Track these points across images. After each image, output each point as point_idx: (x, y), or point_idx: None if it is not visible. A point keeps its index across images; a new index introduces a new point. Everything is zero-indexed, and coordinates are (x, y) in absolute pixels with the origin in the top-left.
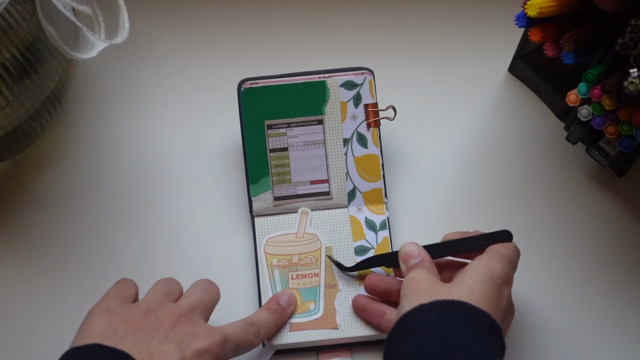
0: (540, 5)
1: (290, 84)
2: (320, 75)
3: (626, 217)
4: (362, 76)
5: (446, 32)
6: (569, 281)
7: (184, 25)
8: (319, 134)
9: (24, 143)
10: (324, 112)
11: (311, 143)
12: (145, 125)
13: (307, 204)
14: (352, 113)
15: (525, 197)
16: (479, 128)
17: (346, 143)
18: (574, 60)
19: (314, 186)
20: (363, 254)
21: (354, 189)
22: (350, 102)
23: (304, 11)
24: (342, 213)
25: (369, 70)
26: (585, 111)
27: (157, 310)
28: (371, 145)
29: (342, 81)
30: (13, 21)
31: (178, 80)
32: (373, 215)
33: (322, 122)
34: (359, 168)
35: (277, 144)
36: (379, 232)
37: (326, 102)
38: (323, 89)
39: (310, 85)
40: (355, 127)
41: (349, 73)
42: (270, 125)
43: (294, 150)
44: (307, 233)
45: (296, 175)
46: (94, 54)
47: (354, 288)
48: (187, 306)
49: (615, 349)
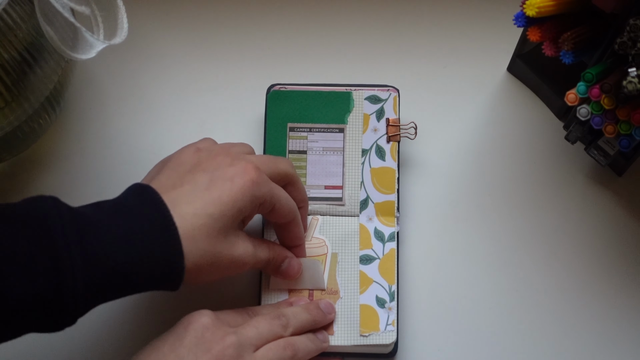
0: (539, 5)
1: (317, 92)
2: (347, 88)
3: (625, 216)
4: (387, 92)
5: (445, 32)
6: (568, 280)
7: (182, 25)
8: (339, 141)
9: (22, 144)
10: (346, 121)
11: (330, 149)
12: (145, 126)
13: (318, 207)
14: (374, 126)
15: (524, 197)
16: (478, 128)
17: (364, 153)
18: (573, 59)
19: (328, 191)
20: (367, 263)
21: (367, 199)
22: (373, 115)
23: (304, 12)
24: (352, 221)
25: (394, 88)
26: (584, 110)
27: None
28: (389, 159)
29: (367, 95)
30: (12, 22)
31: (177, 80)
32: (383, 227)
33: (343, 131)
34: (374, 179)
35: (297, 146)
36: (387, 244)
37: (349, 112)
38: (348, 100)
39: (336, 94)
40: (375, 140)
41: (375, 89)
42: (292, 127)
43: (312, 154)
44: (315, 237)
45: (312, 178)
46: (92, 55)
47: (355, 295)
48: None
49: (615, 349)
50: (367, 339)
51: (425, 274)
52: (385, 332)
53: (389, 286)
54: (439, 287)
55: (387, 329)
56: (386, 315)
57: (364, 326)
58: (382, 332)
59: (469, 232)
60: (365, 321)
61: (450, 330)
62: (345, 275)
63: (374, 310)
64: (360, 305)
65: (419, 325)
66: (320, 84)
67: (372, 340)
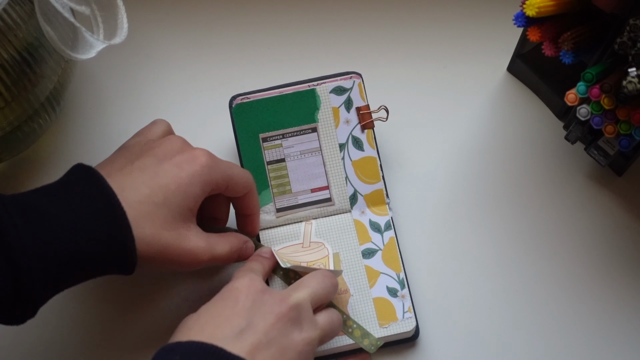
0: (539, 5)
1: (281, 95)
2: (310, 84)
3: (625, 216)
4: (350, 80)
5: (445, 32)
6: (568, 280)
7: (182, 26)
8: (315, 141)
9: (22, 144)
10: (317, 119)
11: (307, 151)
12: (144, 126)
13: (309, 213)
14: (345, 117)
15: (524, 196)
16: (478, 127)
17: (342, 148)
18: (573, 59)
19: (315, 194)
20: (370, 257)
21: (355, 193)
22: (342, 107)
23: (305, 12)
24: (346, 218)
25: (357, 73)
26: (584, 110)
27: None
28: (367, 148)
29: (331, 87)
30: (11, 22)
31: (176, 80)
32: (377, 217)
33: (316, 130)
34: (358, 171)
35: (273, 155)
36: (385, 233)
37: (318, 110)
38: (314, 97)
39: (300, 94)
40: (349, 131)
41: (338, 78)
42: (265, 138)
43: (291, 160)
44: (313, 242)
45: (296, 185)
46: (92, 55)
47: (366, 290)
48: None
49: (615, 349)
50: (388, 329)
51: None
52: (404, 320)
53: (397, 274)
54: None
55: (406, 317)
56: (401, 303)
57: (381, 318)
58: (401, 321)
59: (469, 231)
60: (381, 313)
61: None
62: (352, 272)
63: (388, 301)
64: (374, 299)
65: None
66: (281, 85)
67: (393, 330)
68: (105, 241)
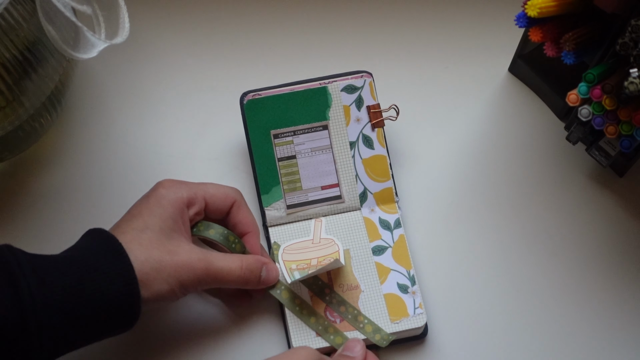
0: (541, 5)
1: (293, 93)
2: (321, 82)
3: (626, 217)
4: (361, 79)
5: (446, 32)
6: (569, 281)
7: (184, 25)
8: (325, 139)
9: (24, 143)
10: (328, 117)
11: (318, 149)
12: (145, 125)
13: (319, 210)
14: (356, 116)
15: (526, 197)
16: (480, 128)
17: (353, 146)
18: (574, 60)
19: (325, 191)
20: (381, 254)
21: (364, 191)
22: (353, 105)
23: (307, 12)
24: (356, 215)
25: (367, 73)
26: (586, 111)
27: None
28: (377, 146)
29: (342, 86)
30: (13, 21)
31: (178, 80)
32: (386, 215)
33: (327, 128)
34: (368, 169)
35: (284, 152)
36: (395, 231)
37: (329, 108)
38: (325, 95)
39: (312, 92)
40: (360, 130)
41: (349, 77)
42: (276, 134)
43: (302, 157)
44: (324, 238)
45: (306, 182)
46: (94, 54)
47: (376, 286)
48: None
49: (615, 349)
50: (399, 325)
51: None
52: (415, 315)
53: (407, 271)
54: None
55: (417, 312)
56: (412, 299)
57: (392, 314)
58: (412, 317)
59: (469, 231)
60: (392, 309)
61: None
62: (362, 269)
63: (399, 297)
64: (384, 295)
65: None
66: (292, 82)
67: (404, 325)
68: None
